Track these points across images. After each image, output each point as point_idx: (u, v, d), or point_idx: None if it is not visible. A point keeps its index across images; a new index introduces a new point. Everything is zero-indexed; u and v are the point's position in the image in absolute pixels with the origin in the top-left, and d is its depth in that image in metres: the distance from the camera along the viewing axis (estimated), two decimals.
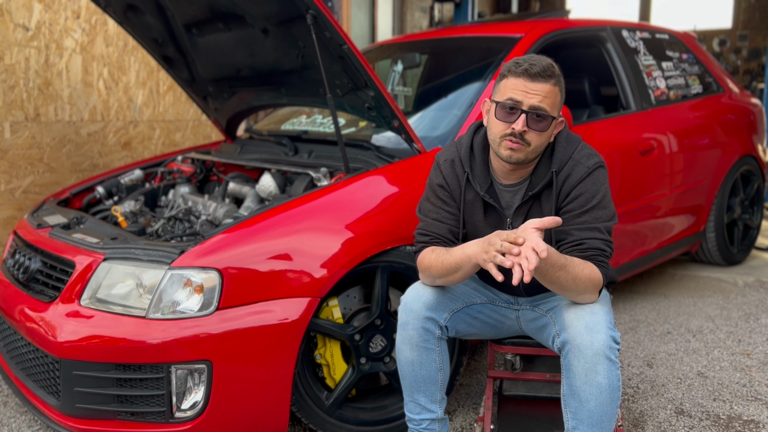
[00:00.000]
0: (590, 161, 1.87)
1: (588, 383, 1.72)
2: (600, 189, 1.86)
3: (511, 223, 1.92)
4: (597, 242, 1.82)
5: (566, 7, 10.96)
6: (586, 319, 1.75)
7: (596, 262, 1.80)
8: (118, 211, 2.77)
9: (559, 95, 1.82)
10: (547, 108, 1.78)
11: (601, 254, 1.81)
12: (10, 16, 3.67)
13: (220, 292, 1.99)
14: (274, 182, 2.71)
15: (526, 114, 1.77)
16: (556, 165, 1.87)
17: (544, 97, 1.78)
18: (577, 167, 1.86)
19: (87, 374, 1.98)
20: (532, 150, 1.81)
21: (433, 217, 1.98)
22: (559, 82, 1.82)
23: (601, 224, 1.84)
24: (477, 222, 1.97)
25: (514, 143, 1.79)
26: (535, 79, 1.77)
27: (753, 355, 3.03)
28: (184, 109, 4.72)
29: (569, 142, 1.92)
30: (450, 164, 1.98)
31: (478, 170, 1.95)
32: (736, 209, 4.20)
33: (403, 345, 1.94)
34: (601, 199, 1.85)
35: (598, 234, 1.82)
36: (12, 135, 3.75)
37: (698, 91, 3.97)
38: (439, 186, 1.98)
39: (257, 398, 2.04)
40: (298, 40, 2.48)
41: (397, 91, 3.53)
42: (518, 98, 1.78)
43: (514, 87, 1.79)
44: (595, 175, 1.86)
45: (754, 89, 9.35)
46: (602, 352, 1.71)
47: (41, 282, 2.30)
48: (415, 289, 1.96)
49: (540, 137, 1.80)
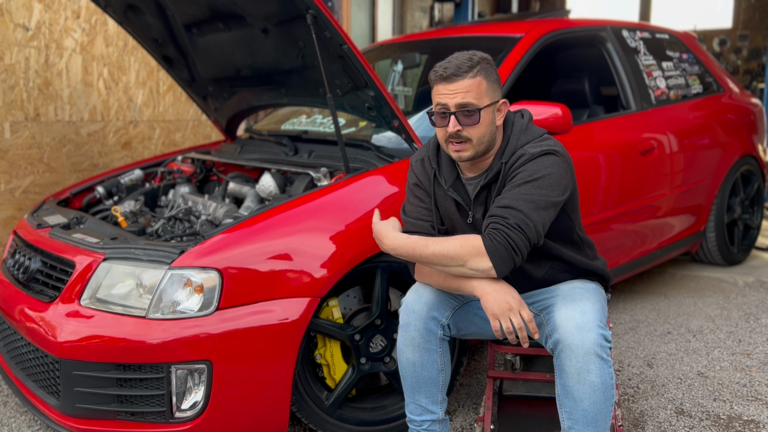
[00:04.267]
0: (536, 149, 1.85)
1: (581, 382, 1.73)
2: (540, 169, 1.81)
3: (472, 215, 1.94)
4: (504, 210, 1.77)
5: (566, 7, 10.96)
6: (577, 319, 1.75)
7: (492, 230, 1.75)
8: (118, 211, 2.77)
9: (484, 83, 1.83)
10: (472, 101, 1.81)
11: (503, 222, 1.75)
12: (10, 16, 3.67)
13: (220, 292, 1.99)
14: (274, 182, 2.71)
15: (454, 114, 1.82)
16: (507, 156, 1.89)
17: (466, 92, 1.81)
18: (523, 156, 1.86)
19: (87, 374, 1.98)
20: (477, 142, 1.85)
21: (414, 216, 2.01)
22: (481, 70, 1.83)
23: (526, 196, 1.77)
24: (452, 216, 2.00)
25: (456, 143, 1.85)
26: (451, 80, 1.82)
27: (753, 355, 3.03)
28: (184, 109, 4.72)
29: (526, 134, 1.92)
30: (420, 163, 2.04)
31: (444, 166, 1.99)
32: (736, 209, 4.20)
33: (404, 346, 1.94)
34: (539, 178, 1.80)
35: (513, 203, 1.77)
36: (12, 135, 3.75)
37: (698, 91, 3.97)
38: (414, 185, 2.04)
39: (257, 398, 2.04)
40: (298, 40, 2.48)
41: (397, 91, 3.53)
42: (443, 101, 1.84)
43: (438, 93, 1.86)
44: (541, 159, 1.83)
45: (754, 89, 9.35)
46: (593, 351, 1.71)
47: (41, 282, 2.30)
48: (416, 290, 1.97)
49: (477, 129, 1.83)
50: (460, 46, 3.51)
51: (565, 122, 2.63)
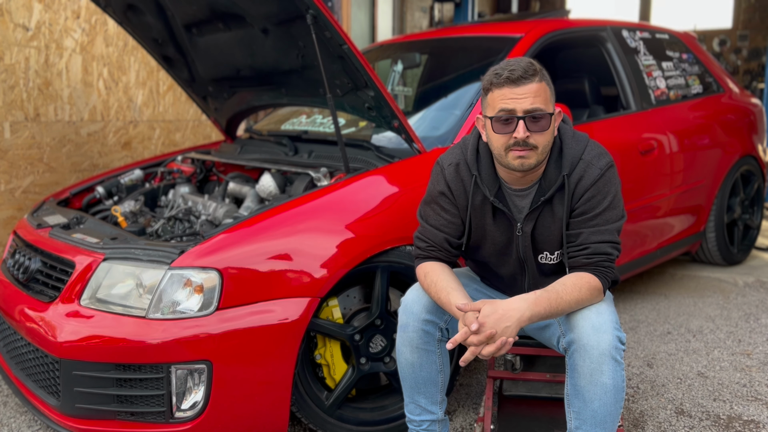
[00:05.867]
0: (602, 161, 1.83)
1: (593, 383, 1.72)
2: (611, 190, 1.83)
3: (521, 228, 1.88)
4: (604, 246, 1.81)
5: (566, 7, 10.96)
6: (593, 320, 1.74)
7: (600, 267, 1.80)
8: (118, 211, 2.77)
9: (548, 89, 1.78)
10: (541, 106, 1.74)
11: (607, 259, 1.81)
12: (10, 16, 3.67)
13: (220, 292, 1.99)
14: (274, 182, 2.71)
15: (523, 119, 1.73)
16: (567, 168, 1.82)
17: (535, 97, 1.73)
18: (589, 169, 1.82)
19: (87, 374, 1.98)
20: (542, 151, 1.77)
21: (431, 224, 1.95)
22: (543, 76, 1.77)
23: (611, 225, 1.82)
24: (487, 226, 1.93)
25: (521, 151, 1.75)
26: (519, 82, 1.73)
27: (753, 355, 3.03)
28: (184, 109, 4.72)
29: (577, 142, 1.86)
30: (455, 168, 1.91)
31: (485, 173, 1.89)
32: (736, 209, 4.19)
33: (403, 347, 1.94)
34: (612, 200, 1.83)
35: (607, 236, 1.81)
36: (12, 135, 3.75)
37: (698, 91, 3.97)
38: (440, 193, 1.93)
39: (257, 398, 2.04)
40: (298, 40, 2.48)
41: (397, 91, 3.53)
42: (510, 107, 1.73)
43: (503, 97, 1.74)
44: (607, 175, 1.82)
45: (754, 89, 9.34)
46: (608, 353, 1.71)
47: (41, 282, 2.30)
48: (416, 290, 1.95)
49: (544, 137, 1.76)
50: (460, 46, 3.54)
51: None
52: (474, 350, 1.69)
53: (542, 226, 1.88)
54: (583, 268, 1.82)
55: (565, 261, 1.87)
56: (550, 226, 1.87)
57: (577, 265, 1.83)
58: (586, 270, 1.81)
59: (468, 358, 1.69)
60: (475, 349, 1.68)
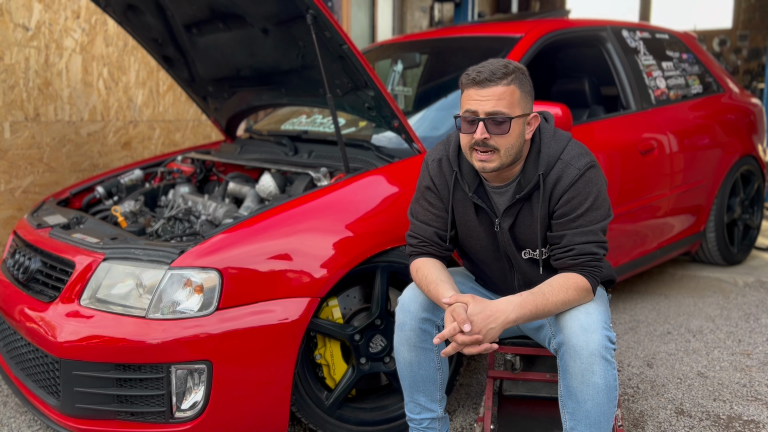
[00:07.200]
0: (581, 162, 1.82)
1: (585, 384, 1.73)
2: (592, 190, 1.81)
3: (499, 224, 1.89)
4: (589, 246, 1.80)
5: (566, 7, 10.96)
6: (581, 320, 1.75)
7: (587, 267, 1.80)
8: (118, 211, 2.77)
9: (517, 92, 1.76)
10: (503, 109, 1.74)
11: (593, 259, 1.80)
12: (10, 16, 3.67)
13: (220, 292, 1.99)
14: (274, 182, 2.71)
15: (483, 121, 1.74)
16: (543, 167, 1.82)
17: (498, 100, 1.73)
18: (567, 169, 1.81)
19: (87, 374, 1.98)
20: (504, 154, 1.77)
21: (420, 219, 1.98)
22: (515, 79, 1.76)
23: (595, 225, 1.81)
24: (469, 222, 1.94)
25: (482, 153, 1.77)
26: (484, 84, 1.74)
27: (753, 355, 3.03)
28: (184, 109, 4.72)
29: (557, 141, 1.86)
30: (438, 163, 1.94)
31: (466, 169, 1.91)
32: (736, 209, 4.19)
33: (401, 345, 1.94)
34: (594, 200, 1.81)
35: (592, 237, 1.80)
36: (12, 135, 3.75)
37: (698, 91, 3.97)
38: (426, 188, 1.96)
39: (257, 398, 2.04)
40: (298, 40, 2.48)
41: (397, 91, 3.53)
42: (473, 108, 1.76)
43: (469, 97, 1.77)
44: (587, 176, 1.81)
45: (754, 89, 9.34)
46: (598, 353, 1.71)
47: (41, 282, 2.30)
48: (412, 289, 1.96)
49: (506, 140, 1.76)
50: (460, 46, 3.54)
51: (565, 122, 2.63)
52: (456, 347, 1.71)
53: (522, 224, 1.88)
54: (570, 269, 1.82)
55: (552, 262, 1.88)
56: (531, 224, 1.87)
57: (563, 266, 1.83)
58: (573, 270, 1.81)
59: (449, 352, 1.72)
60: (458, 346, 1.71)
